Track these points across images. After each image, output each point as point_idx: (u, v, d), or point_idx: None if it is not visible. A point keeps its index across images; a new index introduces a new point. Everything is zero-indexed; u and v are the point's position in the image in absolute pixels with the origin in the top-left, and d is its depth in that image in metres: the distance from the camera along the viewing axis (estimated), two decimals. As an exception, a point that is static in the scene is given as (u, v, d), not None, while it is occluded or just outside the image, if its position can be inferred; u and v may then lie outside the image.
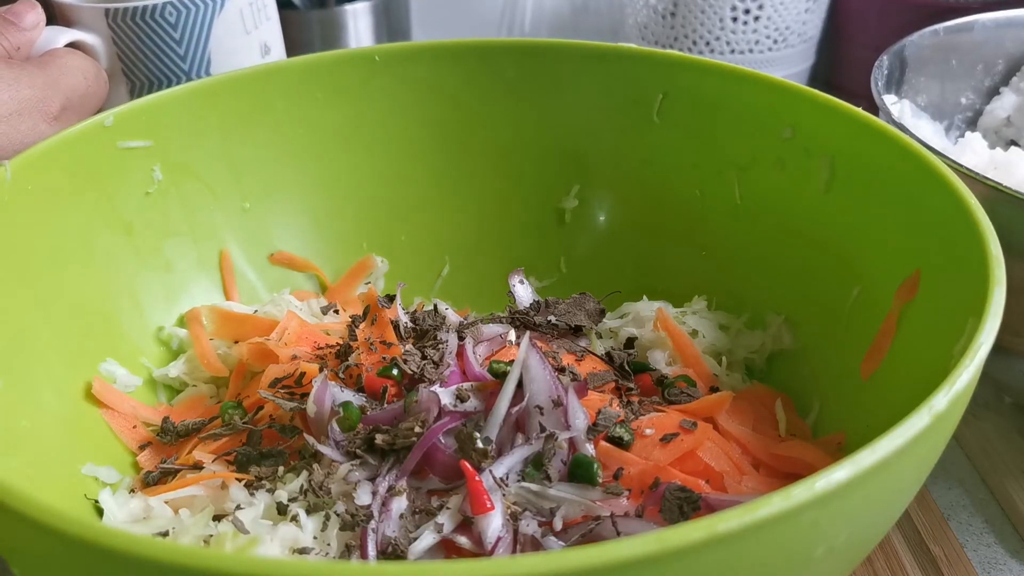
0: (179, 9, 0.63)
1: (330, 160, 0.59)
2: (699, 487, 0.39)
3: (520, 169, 0.61)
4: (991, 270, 0.36)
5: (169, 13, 0.63)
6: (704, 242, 0.57)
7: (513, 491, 0.39)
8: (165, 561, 0.24)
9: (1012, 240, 0.41)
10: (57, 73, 0.54)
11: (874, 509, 0.31)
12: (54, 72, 0.54)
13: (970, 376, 0.31)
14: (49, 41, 0.59)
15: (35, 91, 0.52)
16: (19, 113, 0.50)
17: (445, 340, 0.47)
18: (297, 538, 0.38)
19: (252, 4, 0.67)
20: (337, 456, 0.41)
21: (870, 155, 0.47)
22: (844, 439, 0.44)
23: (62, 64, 0.55)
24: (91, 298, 0.49)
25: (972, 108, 0.70)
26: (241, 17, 0.66)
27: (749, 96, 0.53)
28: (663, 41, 0.85)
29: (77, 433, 0.45)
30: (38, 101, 0.52)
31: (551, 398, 0.42)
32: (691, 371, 0.50)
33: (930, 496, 0.52)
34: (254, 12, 0.67)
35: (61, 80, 0.54)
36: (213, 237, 0.56)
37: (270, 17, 0.69)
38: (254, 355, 0.50)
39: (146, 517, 0.42)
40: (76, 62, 0.56)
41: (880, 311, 0.44)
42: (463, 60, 0.58)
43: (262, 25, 0.68)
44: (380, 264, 0.60)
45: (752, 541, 0.26)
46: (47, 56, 0.56)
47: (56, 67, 0.54)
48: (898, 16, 0.81)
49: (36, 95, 0.52)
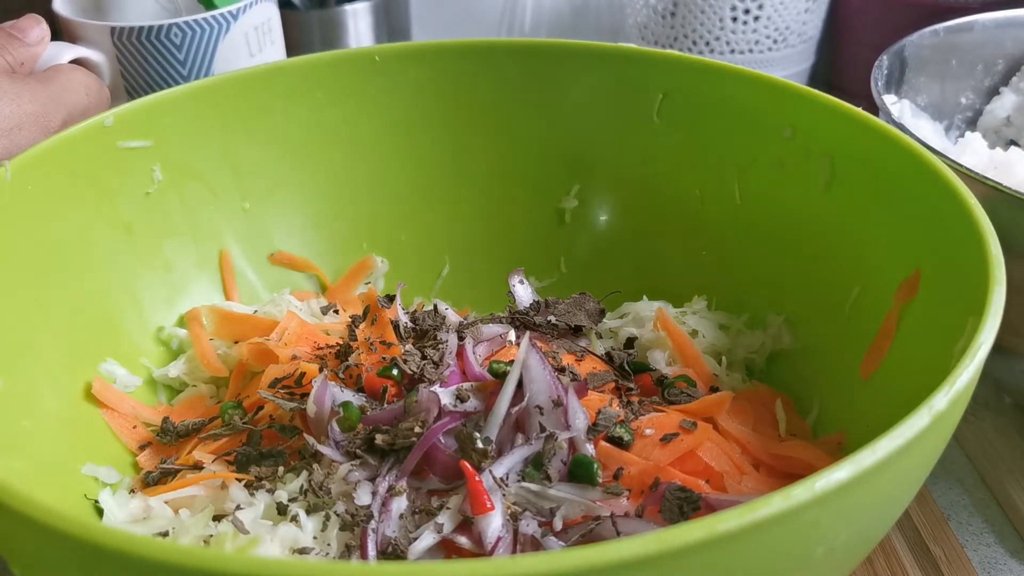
0: (184, 31, 0.63)
1: (330, 160, 0.59)
2: (699, 487, 0.39)
3: (520, 169, 0.60)
4: (991, 270, 0.36)
5: (175, 34, 0.63)
6: (704, 242, 0.57)
7: (513, 491, 0.39)
8: (165, 561, 0.24)
9: (1012, 240, 0.41)
10: (59, 89, 0.54)
11: (874, 509, 0.31)
12: (56, 88, 0.54)
13: (970, 376, 0.31)
14: (53, 57, 0.59)
15: (36, 106, 0.52)
16: (20, 128, 0.50)
17: (445, 340, 0.47)
18: (297, 538, 0.38)
19: (258, 28, 0.67)
20: (337, 456, 0.41)
21: (870, 155, 0.47)
22: (844, 439, 0.44)
23: (65, 80, 0.55)
24: (91, 298, 0.49)
25: (972, 108, 0.70)
26: (246, 40, 0.66)
27: (749, 96, 0.53)
28: (663, 41, 0.85)
29: (77, 433, 0.45)
30: (39, 116, 0.52)
31: (551, 398, 0.42)
32: (691, 371, 0.50)
33: (930, 496, 0.52)
34: (259, 36, 0.67)
35: (63, 96, 0.54)
36: (213, 237, 0.56)
37: (275, 41, 0.69)
38: (254, 355, 0.50)
39: (146, 517, 0.42)
40: (79, 78, 0.56)
41: (880, 311, 0.44)
42: (463, 60, 0.58)
43: (267, 48, 0.68)
44: (380, 264, 0.60)
45: (752, 541, 0.26)
46: (50, 71, 0.56)
47: (59, 83, 0.55)
48: (898, 16, 0.81)
49: (37, 110, 0.52)
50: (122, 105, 0.52)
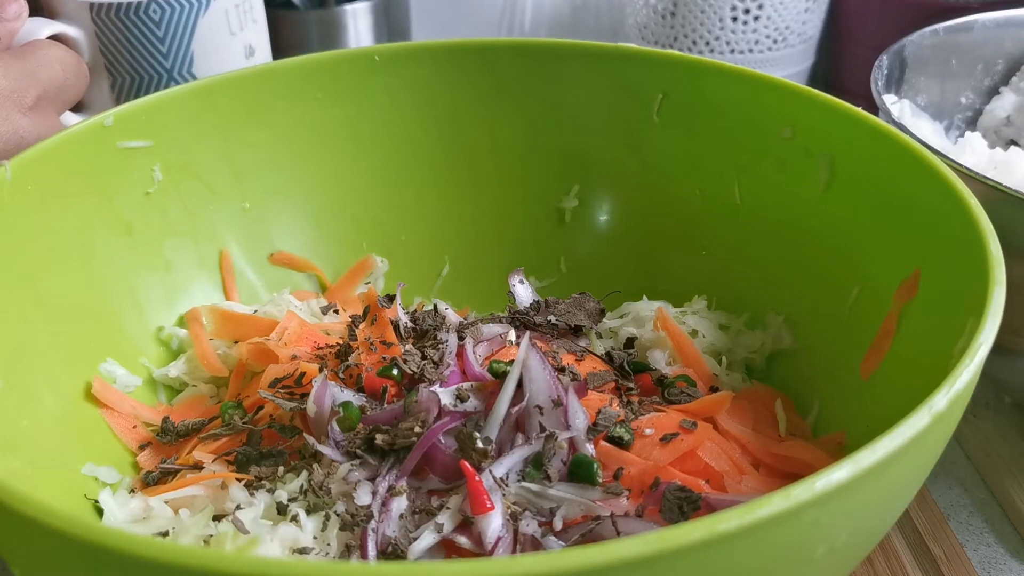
0: (163, 7, 0.63)
1: (330, 160, 0.59)
2: (699, 487, 0.39)
3: (520, 169, 0.60)
4: (991, 270, 0.36)
5: (153, 11, 0.63)
6: (704, 242, 0.57)
7: (513, 491, 0.39)
8: (165, 561, 0.24)
9: (1012, 240, 0.41)
10: (35, 64, 0.54)
11: (874, 509, 0.31)
12: (32, 63, 0.54)
13: (970, 376, 0.31)
14: (31, 32, 0.59)
15: (9, 81, 0.52)
16: None
17: (445, 340, 0.47)
18: (297, 538, 0.38)
19: (239, 6, 0.67)
20: (337, 456, 0.41)
21: (870, 155, 0.47)
22: (844, 439, 0.44)
23: (41, 55, 0.55)
24: (91, 298, 0.49)
25: (972, 108, 0.70)
26: (226, 18, 0.66)
27: (749, 96, 0.53)
28: (663, 41, 0.85)
29: (77, 433, 0.45)
30: (13, 92, 0.52)
31: (551, 398, 0.42)
32: (691, 371, 0.50)
33: (930, 496, 0.52)
34: (240, 14, 0.67)
35: (39, 71, 0.54)
36: (213, 237, 0.56)
37: (256, 20, 0.69)
38: (254, 355, 0.50)
39: (146, 517, 0.42)
40: (56, 54, 0.56)
41: (880, 311, 0.44)
42: (463, 60, 0.58)
43: (248, 27, 0.68)
44: (380, 264, 0.60)
45: (752, 541, 0.26)
46: (27, 47, 0.56)
47: (35, 58, 0.54)
48: (898, 16, 0.81)
49: (11, 85, 0.52)
50: (122, 105, 0.51)
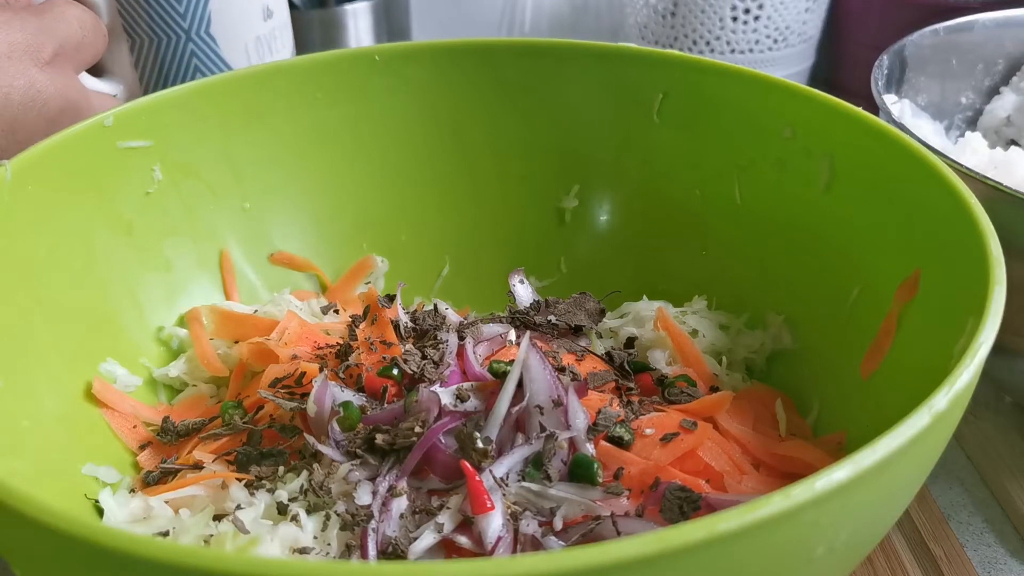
0: None
1: (330, 160, 0.59)
2: (699, 487, 0.39)
3: (520, 169, 0.61)
4: (991, 270, 0.36)
5: None
6: (704, 242, 0.57)
7: (513, 491, 0.39)
8: (165, 561, 0.24)
9: (1012, 240, 0.41)
10: (52, 20, 0.54)
11: (874, 509, 0.31)
12: (48, 19, 0.54)
13: (970, 376, 0.31)
14: None
15: (26, 35, 0.52)
16: (8, 56, 0.50)
17: (445, 340, 0.47)
18: (297, 538, 0.38)
19: None
20: (337, 456, 0.41)
21: (870, 155, 0.47)
22: (844, 439, 0.44)
23: (59, 12, 0.55)
24: (91, 298, 0.49)
25: (972, 108, 0.70)
26: None
27: (749, 96, 0.53)
28: (663, 41, 0.85)
29: (77, 433, 0.45)
30: (28, 46, 0.52)
31: (551, 398, 0.42)
32: (691, 371, 0.50)
33: (930, 496, 0.52)
34: None
35: (56, 27, 0.54)
36: (213, 237, 0.56)
37: None
38: (254, 355, 0.50)
39: (146, 517, 0.42)
40: (74, 12, 0.56)
41: (880, 311, 0.44)
42: (463, 60, 0.58)
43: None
44: (380, 264, 0.60)
45: (752, 541, 0.26)
46: (45, 4, 0.56)
47: (52, 15, 0.55)
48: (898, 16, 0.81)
49: (27, 40, 0.52)
50: (122, 105, 0.51)
